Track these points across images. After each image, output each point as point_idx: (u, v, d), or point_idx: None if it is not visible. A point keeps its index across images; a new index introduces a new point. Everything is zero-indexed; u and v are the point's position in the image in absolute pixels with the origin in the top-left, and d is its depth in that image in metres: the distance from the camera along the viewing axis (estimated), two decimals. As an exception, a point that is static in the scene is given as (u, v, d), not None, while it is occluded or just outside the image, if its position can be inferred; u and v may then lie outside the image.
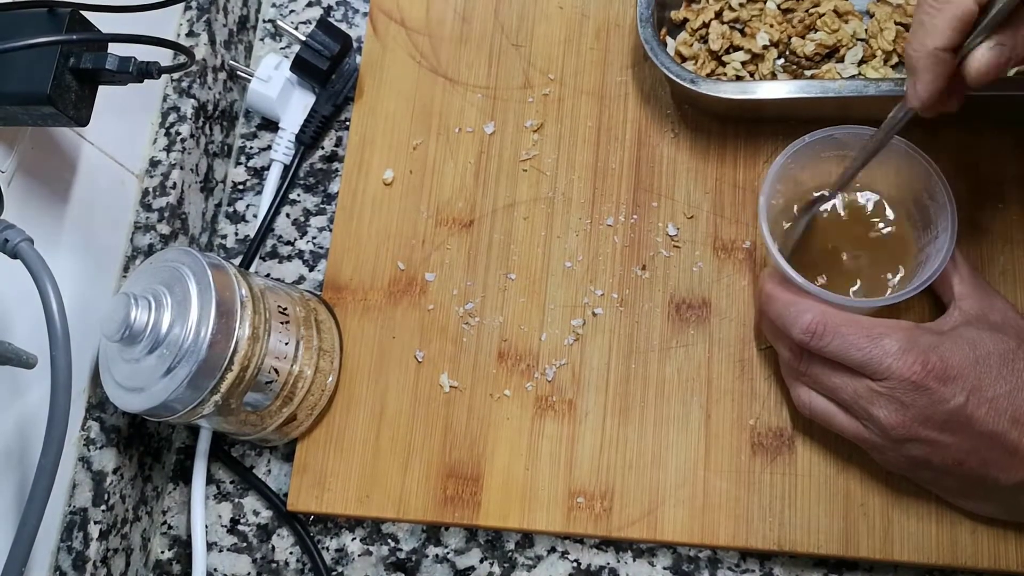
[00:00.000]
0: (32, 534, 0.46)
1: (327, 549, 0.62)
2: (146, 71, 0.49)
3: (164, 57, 0.64)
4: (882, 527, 0.54)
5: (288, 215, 0.70)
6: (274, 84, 0.69)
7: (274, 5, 0.77)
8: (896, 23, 0.61)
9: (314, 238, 0.69)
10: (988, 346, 0.48)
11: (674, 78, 0.59)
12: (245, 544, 0.63)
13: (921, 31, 0.42)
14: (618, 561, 0.59)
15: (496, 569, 0.60)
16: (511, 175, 0.65)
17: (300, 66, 0.68)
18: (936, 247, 0.51)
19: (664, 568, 0.58)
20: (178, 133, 0.65)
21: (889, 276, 0.54)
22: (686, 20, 0.65)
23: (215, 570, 0.63)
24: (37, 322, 0.45)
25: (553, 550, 0.60)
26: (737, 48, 0.62)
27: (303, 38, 0.68)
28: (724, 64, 0.63)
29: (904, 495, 0.54)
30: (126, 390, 0.52)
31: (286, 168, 0.71)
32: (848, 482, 0.55)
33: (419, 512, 0.59)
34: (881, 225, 0.55)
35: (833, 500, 0.55)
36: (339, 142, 0.72)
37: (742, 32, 0.63)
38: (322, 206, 0.70)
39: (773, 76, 0.62)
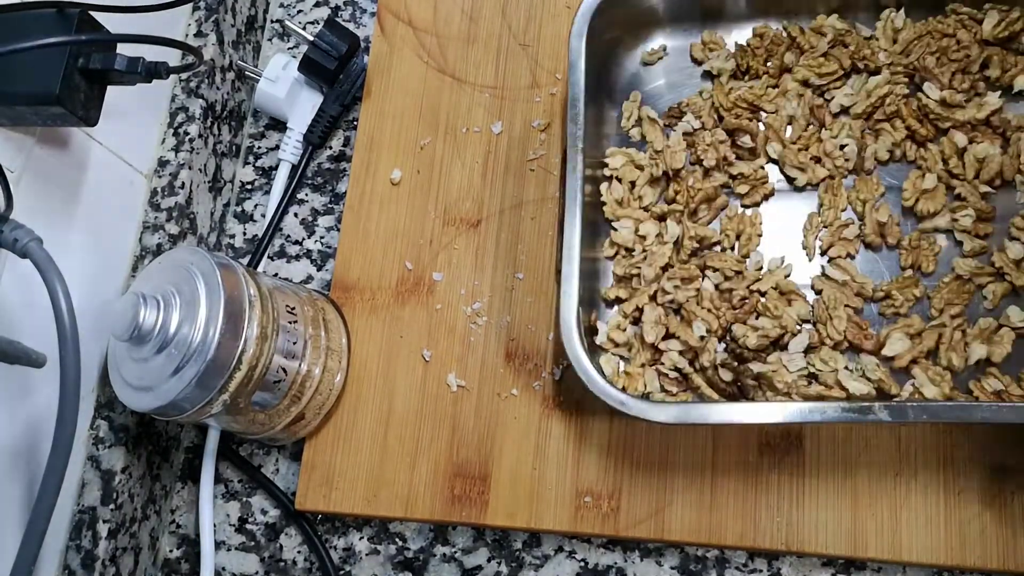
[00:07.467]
0: (41, 533, 0.46)
1: (335, 548, 0.62)
2: (154, 71, 0.49)
3: (172, 57, 0.64)
4: (890, 527, 0.54)
5: (296, 215, 0.71)
6: (282, 84, 0.69)
7: (282, 5, 0.78)
8: (846, 306, 0.57)
9: (322, 238, 0.70)
10: None
11: (603, 398, 0.53)
12: (253, 543, 0.63)
13: None
14: (625, 560, 0.59)
15: (503, 568, 0.60)
16: (518, 175, 0.65)
17: (308, 66, 0.69)
18: None
19: (671, 568, 0.58)
20: (186, 133, 0.65)
21: None
22: (618, 299, 0.60)
23: (223, 569, 0.63)
24: (46, 321, 0.45)
25: (560, 549, 0.60)
26: (673, 336, 0.58)
27: (311, 38, 0.68)
28: (661, 352, 0.58)
29: (913, 496, 0.54)
30: (135, 389, 0.52)
31: (294, 168, 0.71)
32: (856, 482, 0.55)
33: (426, 511, 0.59)
34: None
35: (841, 500, 0.55)
36: (347, 142, 0.72)
37: (678, 313, 0.59)
38: (330, 206, 0.70)
39: (715, 369, 0.56)
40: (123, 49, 0.49)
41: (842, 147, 0.60)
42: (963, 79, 0.60)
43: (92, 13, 0.49)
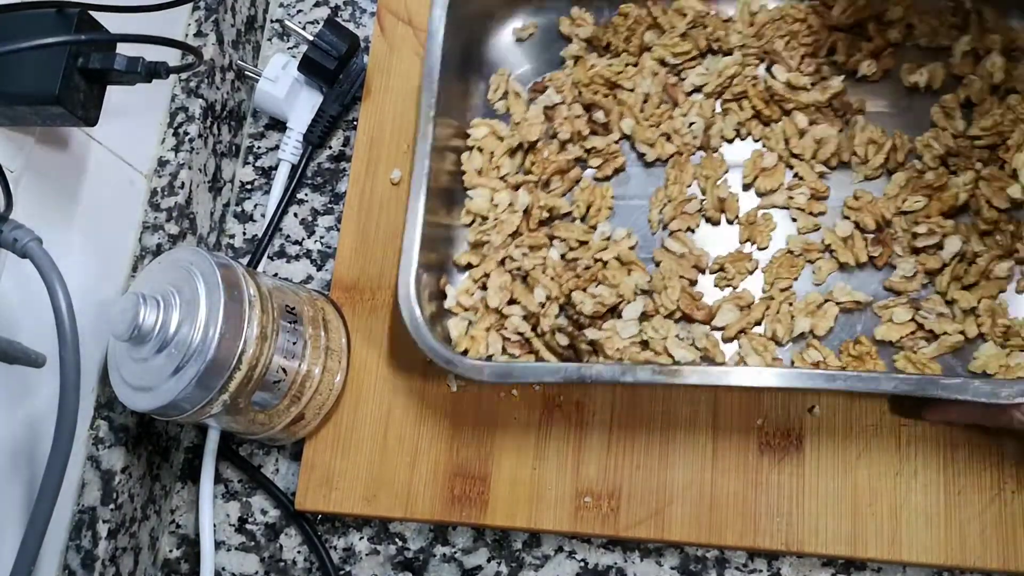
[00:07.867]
0: (41, 533, 0.46)
1: (335, 548, 0.62)
2: (154, 71, 0.49)
3: (172, 57, 0.64)
4: (890, 528, 0.54)
5: (296, 215, 0.71)
6: (282, 84, 0.69)
7: (282, 5, 0.78)
8: (681, 277, 0.59)
9: (322, 237, 0.70)
10: None
11: (436, 360, 0.55)
12: (253, 543, 0.63)
13: None
14: (625, 561, 0.59)
15: (503, 568, 0.60)
16: (518, 175, 0.65)
17: (308, 66, 0.68)
18: None
19: (671, 568, 0.58)
20: (186, 133, 0.65)
21: None
22: (470, 265, 0.62)
23: (223, 569, 0.63)
24: (46, 322, 0.45)
25: (560, 550, 0.60)
26: (516, 302, 0.60)
27: (311, 38, 0.68)
28: (505, 316, 0.60)
29: (913, 495, 0.54)
30: (135, 389, 0.52)
31: (294, 168, 0.71)
32: (856, 482, 0.55)
33: (426, 511, 0.59)
34: None
35: (841, 500, 0.55)
36: (347, 142, 0.72)
37: (525, 280, 0.60)
38: (330, 205, 0.70)
39: (553, 333, 0.58)
40: (123, 49, 0.49)
41: (690, 125, 0.62)
42: (810, 63, 0.62)
43: (92, 13, 0.49)
